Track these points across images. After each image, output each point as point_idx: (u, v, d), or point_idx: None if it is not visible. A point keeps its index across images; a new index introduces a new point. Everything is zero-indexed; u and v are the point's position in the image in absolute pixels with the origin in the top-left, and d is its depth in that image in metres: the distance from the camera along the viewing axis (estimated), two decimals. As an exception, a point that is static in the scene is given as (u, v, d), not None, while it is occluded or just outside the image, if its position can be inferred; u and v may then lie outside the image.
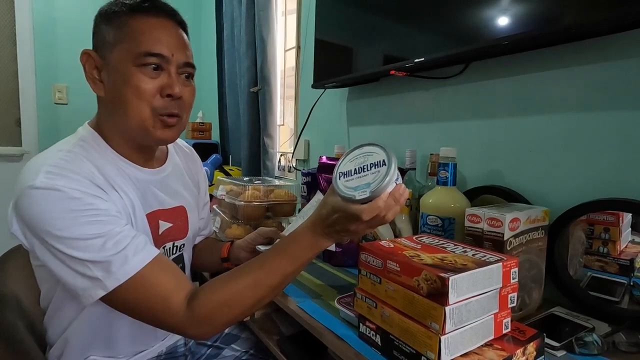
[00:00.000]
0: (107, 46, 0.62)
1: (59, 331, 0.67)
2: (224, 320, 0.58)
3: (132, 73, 0.60)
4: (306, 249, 0.58)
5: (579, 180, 0.77)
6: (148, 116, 0.62)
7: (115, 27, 0.62)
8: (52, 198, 0.54)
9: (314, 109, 1.48)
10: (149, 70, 0.61)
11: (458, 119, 1.01)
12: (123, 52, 0.61)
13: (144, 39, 0.61)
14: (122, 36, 0.61)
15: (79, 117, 0.76)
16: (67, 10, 2.33)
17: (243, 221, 1.13)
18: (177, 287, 0.58)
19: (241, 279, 0.58)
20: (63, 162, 0.58)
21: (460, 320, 0.48)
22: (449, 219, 0.77)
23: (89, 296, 0.55)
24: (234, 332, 0.90)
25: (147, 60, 0.61)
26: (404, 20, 1.02)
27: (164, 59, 0.62)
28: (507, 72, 0.88)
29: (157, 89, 0.62)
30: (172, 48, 0.63)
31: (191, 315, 0.56)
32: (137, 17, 0.62)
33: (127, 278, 0.55)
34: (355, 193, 0.51)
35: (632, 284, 0.70)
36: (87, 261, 0.54)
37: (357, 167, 0.53)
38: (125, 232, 0.57)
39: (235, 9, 1.98)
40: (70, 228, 0.54)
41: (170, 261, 0.63)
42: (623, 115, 0.70)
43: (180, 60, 0.64)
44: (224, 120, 2.27)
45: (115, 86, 0.62)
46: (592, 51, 0.74)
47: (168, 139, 0.67)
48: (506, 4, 0.77)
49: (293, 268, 0.58)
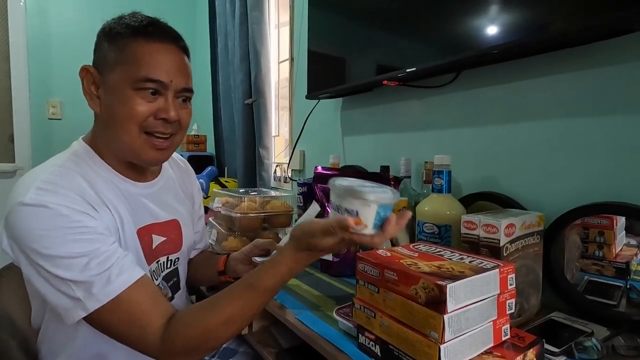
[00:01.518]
0: (107, 66, 0.63)
1: (53, 353, 0.66)
2: (199, 354, 0.59)
3: (129, 96, 0.61)
4: (282, 277, 0.58)
5: (573, 184, 0.77)
6: (138, 137, 0.63)
7: (117, 48, 0.62)
8: (40, 215, 0.54)
9: (309, 120, 1.49)
10: (146, 94, 0.62)
11: (451, 126, 1.02)
12: (122, 74, 0.61)
13: (144, 63, 0.61)
14: (123, 58, 0.61)
15: (73, 132, 0.75)
16: (61, 25, 2.34)
17: (240, 233, 1.12)
18: (155, 313, 0.57)
19: (215, 315, 0.57)
20: (54, 177, 0.58)
21: (459, 328, 0.48)
22: (445, 226, 0.77)
23: (70, 316, 0.55)
24: (232, 346, 0.88)
25: (145, 85, 0.61)
26: (395, 31, 1.03)
27: (162, 85, 0.62)
28: (498, 79, 0.90)
29: (151, 112, 0.62)
30: (171, 74, 0.63)
31: (165, 348, 0.56)
32: (139, 41, 0.62)
33: (108, 300, 0.54)
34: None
35: (628, 287, 0.70)
36: (69, 280, 0.54)
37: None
38: (111, 252, 0.57)
39: (229, 23, 2.00)
40: (56, 246, 0.53)
41: (153, 284, 0.62)
42: (612, 120, 0.72)
43: (178, 86, 0.64)
44: (219, 132, 2.27)
45: (111, 105, 0.62)
46: (580, 58, 0.75)
47: (158, 161, 0.68)
48: (494, 14, 0.79)
49: (267, 298, 0.60)
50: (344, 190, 0.52)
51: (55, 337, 0.65)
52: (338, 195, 0.54)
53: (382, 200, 0.52)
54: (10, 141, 2.27)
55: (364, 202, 0.52)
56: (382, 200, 0.52)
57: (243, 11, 1.83)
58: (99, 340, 0.63)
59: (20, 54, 2.24)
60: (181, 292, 0.80)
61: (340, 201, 0.53)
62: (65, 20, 2.35)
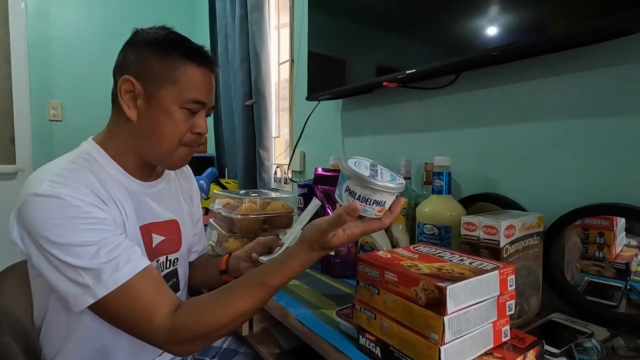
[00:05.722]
0: (154, 81, 0.66)
1: (55, 349, 0.67)
2: (203, 344, 0.61)
3: (175, 111, 0.67)
4: (293, 275, 0.60)
5: (572, 185, 0.78)
6: (175, 149, 0.70)
7: (167, 67, 0.66)
8: (53, 205, 0.56)
9: (309, 121, 1.50)
10: (189, 112, 0.68)
11: (451, 128, 1.02)
12: (173, 93, 0.66)
13: (194, 88, 0.67)
14: (174, 78, 0.66)
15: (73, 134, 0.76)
16: (62, 28, 2.34)
17: (240, 234, 1.12)
18: (162, 301, 0.59)
19: (225, 310, 0.58)
20: (66, 172, 0.61)
21: (459, 330, 0.48)
22: (446, 227, 0.77)
23: (78, 303, 0.56)
24: (233, 347, 0.89)
25: (192, 106, 0.68)
26: (395, 33, 1.03)
27: (203, 106, 0.70)
28: (497, 81, 0.90)
29: (190, 127, 0.69)
30: (210, 97, 0.71)
31: (170, 337, 0.57)
32: (191, 66, 0.67)
33: (117, 286, 0.56)
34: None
35: (628, 288, 0.70)
36: (79, 268, 0.55)
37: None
38: (119, 241, 0.59)
39: (229, 24, 2.01)
40: (68, 235, 0.56)
41: (158, 274, 0.63)
42: (612, 121, 0.72)
43: (211, 105, 0.72)
44: (220, 133, 2.28)
45: (155, 118, 0.67)
46: (579, 60, 0.75)
47: (181, 166, 0.76)
48: (494, 15, 0.79)
49: (274, 294, 0.61)
50: (379, 185, 0.53)
51: (58, 332, 0.66)
52: (368, 188, 0.54)
53: (402, 188, 0.55)
54: (11, 143, 2.28)
55: (392, 193, 0.54)
56: (403, 187, 0.55)
57: (243, 13, 1.84)
58: (101, 333, 0.65)
59: (21, 55, 2.24)
60: (180, 294, 0.80)
61: (369, 193, 0.54)
62: (66, 22, 2.35)
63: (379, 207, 0.55)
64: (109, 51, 0.95)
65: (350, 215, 0.53)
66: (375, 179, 0.53)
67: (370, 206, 0.54)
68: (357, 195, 0.54)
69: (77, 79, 2.34)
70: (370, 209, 0.54)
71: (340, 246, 0.58)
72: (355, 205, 0.52)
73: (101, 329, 0.64)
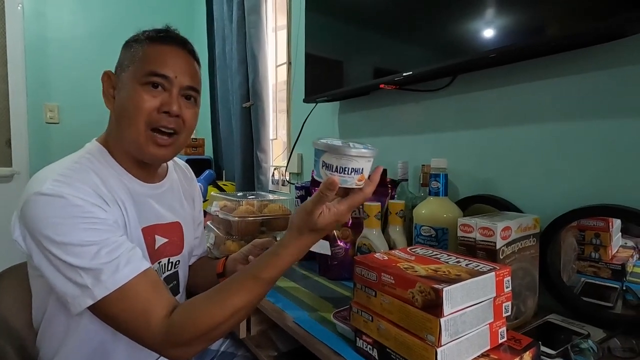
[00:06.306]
0: (122, 68, 0.68)
1: (53, 350, 0.66)
2: (201, 346, 0.60)
3: (135, 90, 0.65)
4: (285, 266, 0.59)
5: (568, 187, 0.78)
6: (143, 132, 0.66)
7: (132, 53, 0.68)
8: (55, 204, 0.56)
9: (307, 123, 1.50)
10: (151, 88, 0.66)
11: (448, 130, 1.02)
12: (133, 71, 0.66)
13: (152, 61, 0.66)
14: (135, 59, 0.67)
15: (70, 137, 0.77)
16: (59, 30, 2.34)
17: (237, 237, 1.12)
18: (159, 304, 0.58)
19: (221, 308, 0.57)
20: (69, 172, 0.61)
21: (455, 332, 0.48)
22: (442, 229, 0.77)
23: (77, 304, 0.56)
24: (230, 350, 0.88)
25: (151, 79, 0.65)
26: (392, 35, 1.04)
27: (167, 80, 0.66)
28: (494, 83, 0.90)
29: (156, 105, 0.66)
30: (176, 71, 0.67)
31: (168, 339, 0.57)
32: (152, 45, 0.68)
33: (116, 288, 0.56)
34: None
35: (624, 289, 0.70)
36: (79, 268, 0.55)
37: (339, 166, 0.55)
38: (120, 242, 0.59)
39: (227, 27, 2.01)
40: (69, 234, 0.55)
41: (158, 277, 0.63)
42: (608, 123, 0.72)
43: (183, 83, 0.68)
44: (217, 135, 2.27)
45: (121, 101, 0.67)
46: (575, 62, 0.76)
47: (160, 157, 0.70)
48: (491, 17, 0.79)
49: (270, 288, 0.61)
50: (353, 152, 0.53)
51: (56, 332, 0.66)
52: (343, 157, 0.54)
53: (376, 153, 0.56)
54: (8, 145, 2.27)
55: (367, 159, 0.55)
56: (376, 152, 0.56)
57: (240, 15, 1.84)
58: (99, 333, 0.64)
59: (17, 57, 2.23)
60: (180, 296, 0.80)
61: (345, 162, 0.54)
62: (63, 25, 2.35)
63: (358, 175, 0.55)
64: (106, 54, 0.95)
65: (330, 190, 0.52)
66: (348, 147, 0.53)
67: (349, 175, 0.54)
68: (334, 167, 0.54)
69: (74, 81, 2.33)
70: (350, 178, 0.54)
71: (328, 226, 0.57)
72: (333, 179, 0.52)
73: (100, 329, 0.63)
